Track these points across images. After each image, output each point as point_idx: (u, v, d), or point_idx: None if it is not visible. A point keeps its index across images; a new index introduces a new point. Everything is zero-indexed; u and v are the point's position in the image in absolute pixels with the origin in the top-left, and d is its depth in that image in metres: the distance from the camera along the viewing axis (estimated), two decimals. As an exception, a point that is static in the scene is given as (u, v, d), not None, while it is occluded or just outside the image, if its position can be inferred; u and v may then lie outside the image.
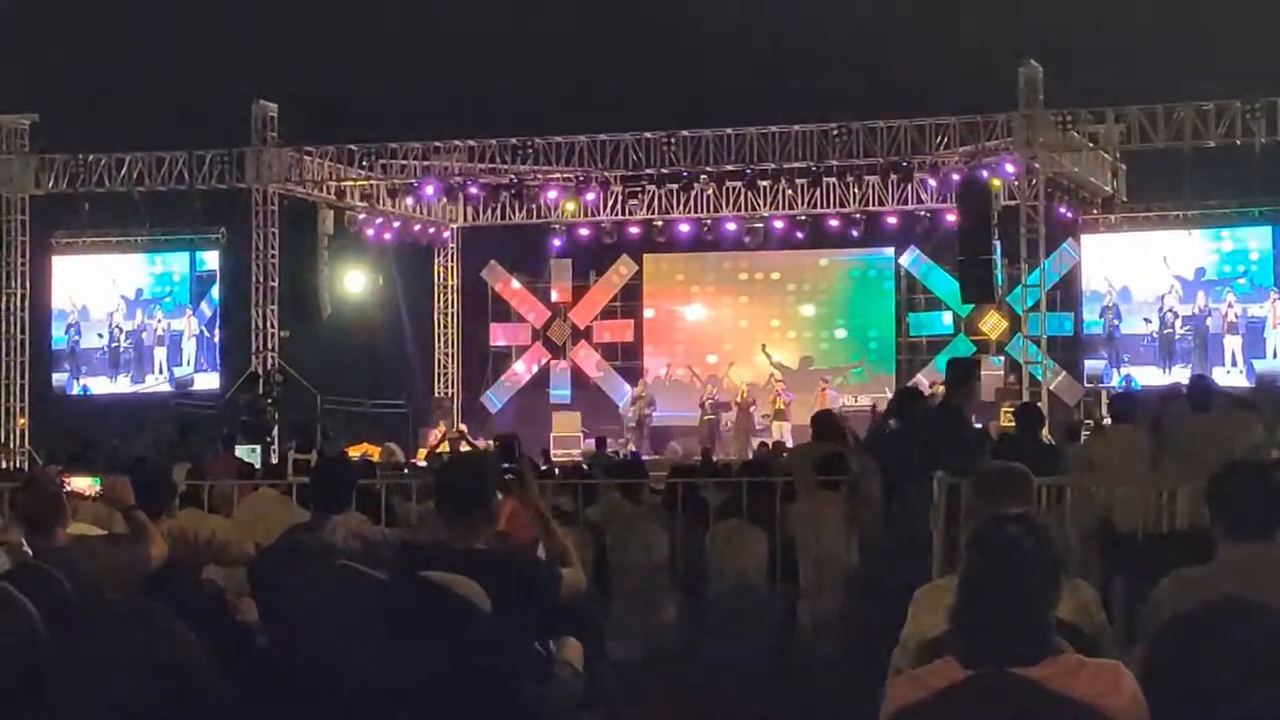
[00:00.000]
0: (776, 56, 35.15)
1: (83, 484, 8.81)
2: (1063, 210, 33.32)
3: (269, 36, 35.85)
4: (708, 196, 35.96)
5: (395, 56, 35.83)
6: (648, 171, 34.61)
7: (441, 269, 40.33)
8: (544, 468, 20.70)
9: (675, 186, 35.36)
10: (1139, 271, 33.89)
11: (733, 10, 35.96)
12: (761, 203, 35.84)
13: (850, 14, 35.03)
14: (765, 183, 34.96)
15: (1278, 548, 6.31)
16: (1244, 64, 30.39)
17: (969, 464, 10.37)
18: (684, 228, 36.94)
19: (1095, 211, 34.20)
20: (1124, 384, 32.63)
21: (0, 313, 35.98)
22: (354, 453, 26.06)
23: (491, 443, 9.59)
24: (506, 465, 9.00)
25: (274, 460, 27.95)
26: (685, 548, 14.25)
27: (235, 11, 36.34)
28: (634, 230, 37.19)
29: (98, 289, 37.28)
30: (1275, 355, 32.57)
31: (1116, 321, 34.01)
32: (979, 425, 27.27)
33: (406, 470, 22.52)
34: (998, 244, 31.74)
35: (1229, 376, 31.47)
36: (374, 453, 27.97)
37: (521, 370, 40.08)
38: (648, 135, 34.08)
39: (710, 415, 35.96)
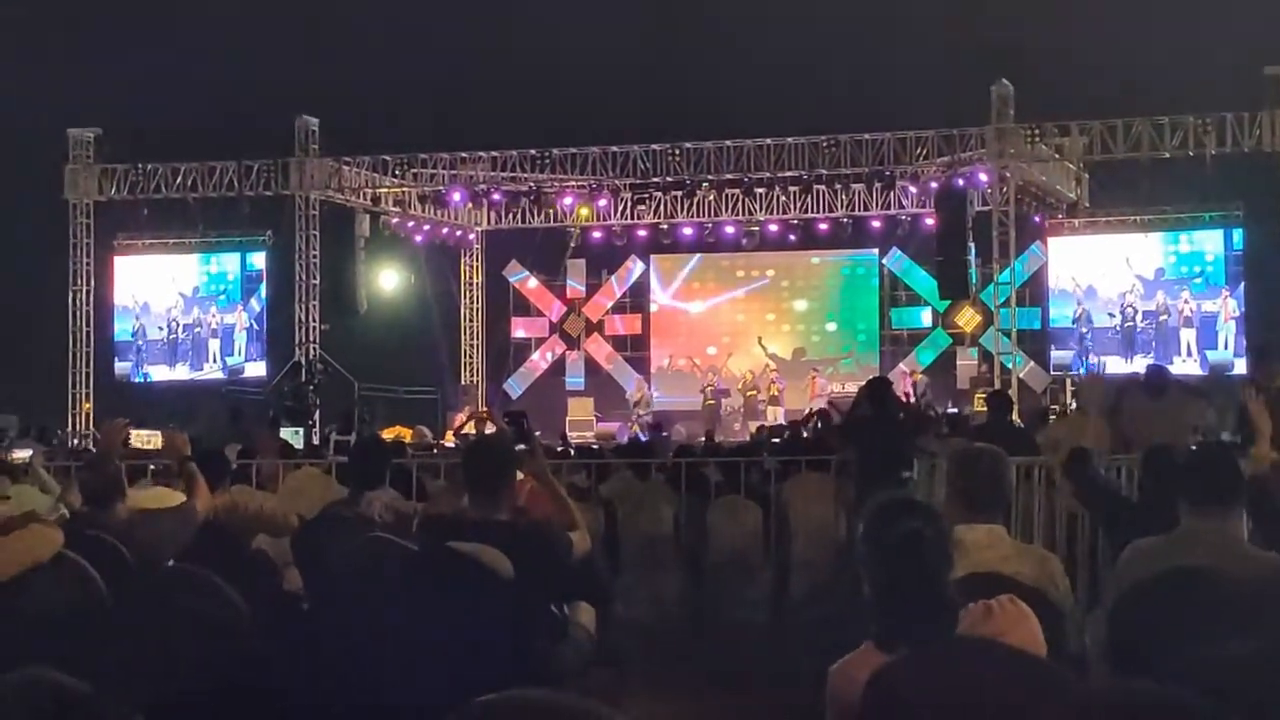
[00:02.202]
0: (772, 76, 35.11)
1: (146, 434, 8.89)
2: (1032, 215, 33.33)
3: (311, 56, 35.82)
4: (709, 202, 35.93)
5: (426, 75, 35.76)
6: (654, 180, 34.59)
7: (467, 268, 40.34)
8: (560, 449, 20.71)
9: (679, 193, 35.37)
10: (1103, 271, 33.89)
11: (732, 36, 35.93)
12: (758, 208, 35.82)
13: (838, 37, 34.98)
14: (761, 190, 34.98)
15: (1234, 522, 6.30)
16: (1195, 82, 30.37)
17: None
18: (687, 231, 36.94)
19: (1061, 216, 34.21)
20: (1090, 370, 32.64)
21: (68, 308, 36.04)
22: (388, 435, 26.04)
23: (504, 419, 9.62)
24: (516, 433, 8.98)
25: (315, 441, 27.97)
26: (689, 521, 14.27)
27: (281, 34, 36.30)
28: (642, 233, 37.23)
29: (157, 286, 37.35)
30: (1226, 346, 32.58)
31: (1088, 320, 34.02)
32: (954, 410, 27.40)
33: (435, 450, 22.50)
34: (972, 246, 31.73)
35: (1184, 365, 31.51)
36: (406, 435, 27.95)
37: (539, 360, 40.10)
38: (654, 147, 34.06)
39: (711, 401, 35.98)
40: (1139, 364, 30.63)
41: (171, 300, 37.32)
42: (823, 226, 36.04)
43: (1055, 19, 33.51)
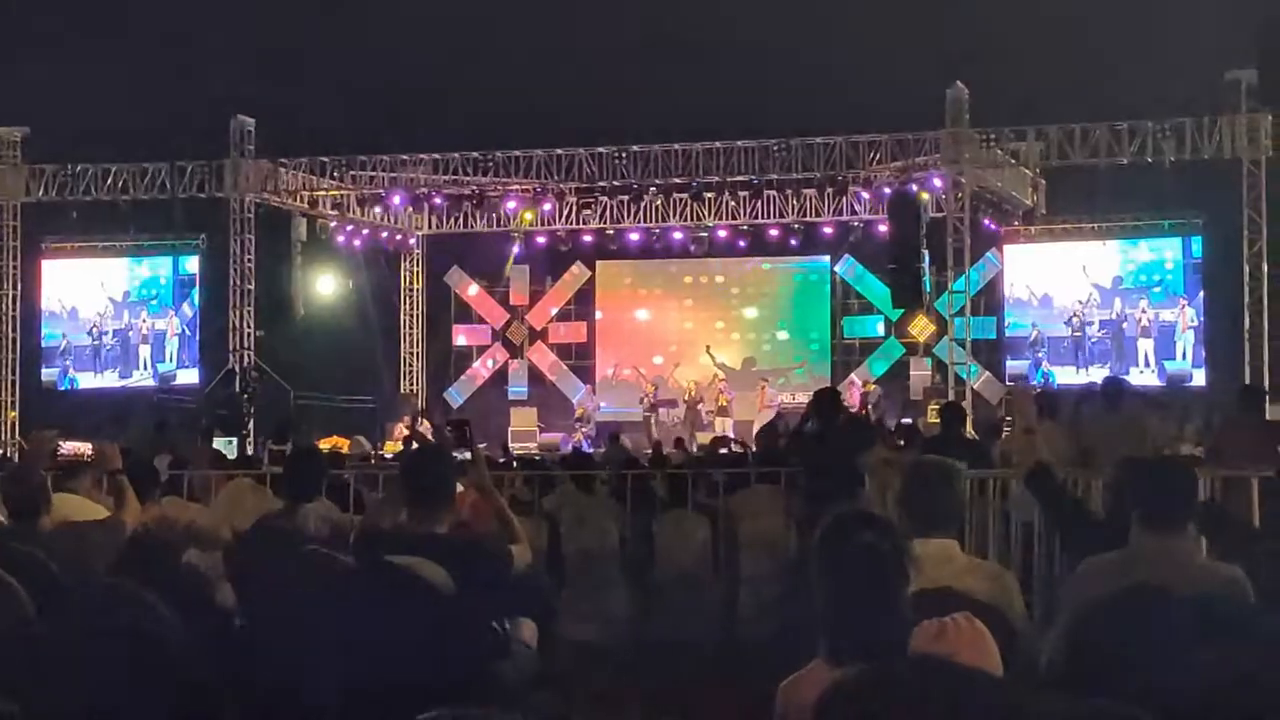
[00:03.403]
0: (720, 78, 35.15)
1: (75, 446, 8.84)
2: (986, 222, 33.44)
3: (247, 55, 35.72)
4: (656, 207, 35.94)
5: (366, 75, 35.72)
6: (600, 184, 34.62)
7: (407, 274, 40.27)
8: (502, 460, 20.68)
9: (626, 198, 35.33)
10: (1059, 279, 34.06)
11: (679, 37, 35.94)
12: (706, 213, 35.84)
13: (790, 38, 35.07)
14: (710, 195, 35.01)
15: (1188, 539, 6.32)
16: (1155, 87, 30.54)
17: None
18: (634, 236, 36.91)
19: (1017, 223, 34.32)
20: (1042, 380, 32.80)
21: (-7, 313, 35.91)
22: (325, 445, 25.97)
23: (446, 427, 9.76)
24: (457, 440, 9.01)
25: (249, 451, 27.86)
26: (634, 535, 14.26)
27: (215, 31, 36.19)
28: (587, 238, 37.16)
29: (86, 291, 37.18)
30: (1184, 356, 32.79)
31: (1042, 327, 34.15)
32: (907, 420, 27.48)
33: (373, 461, 22.44)
34: (926, 253, 31.82)
35: (1142, 376, 31.69)
36: (343, 445, 27.88)
37: (481, 368, 40.02)
38: (600, 150, 34.10)
39: (649, 412, 35.99)
40: (1094, 374, 30.85)
41: (101, 305, 37.16)
42: (773, 232, 36.05)
43: (1012, 21, 33.61)
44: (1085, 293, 33.76)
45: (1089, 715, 3.40)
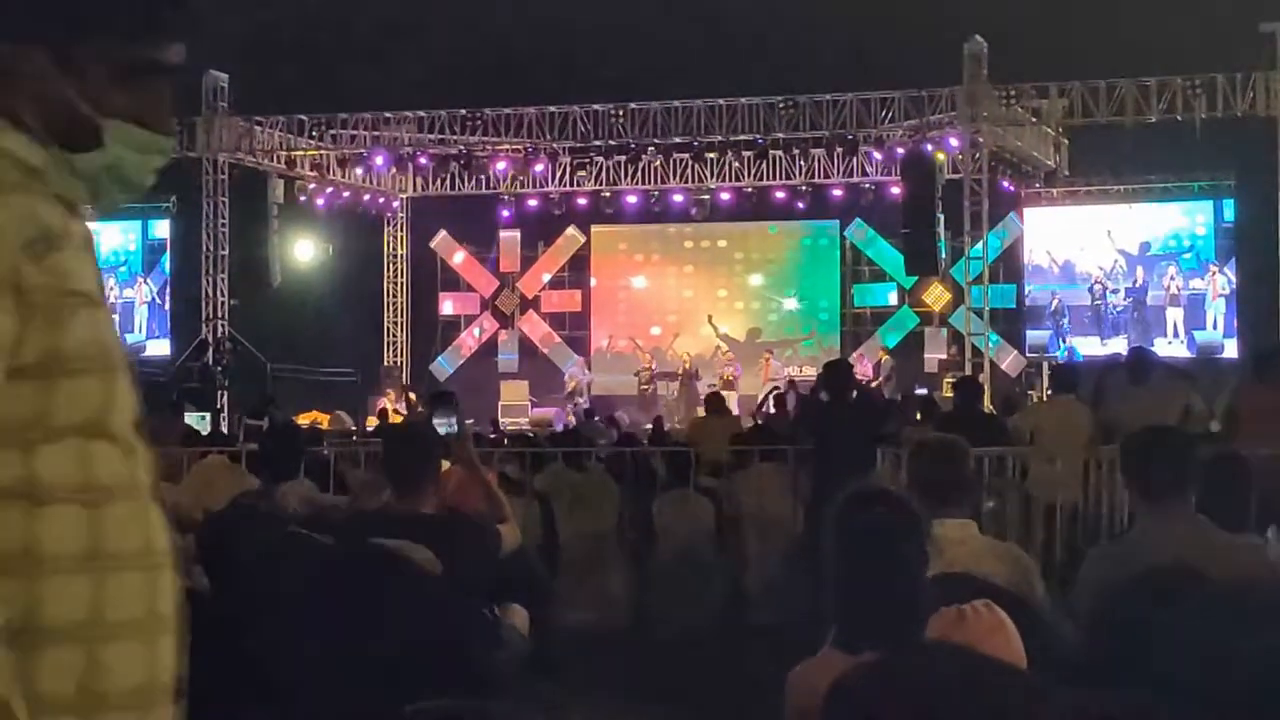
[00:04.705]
0: (723, 31, 35.06)
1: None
2: (1005, 184, 33.37)
3: (220, 8, 35.61)
4: (655, 168, 35.84)
5: (346, 28, 35.60)
6: (596, 143, 34.51)
7: (391, 239, 40.20)
8: (492, 436, 20.68)
9: (623, 158, 35.24)
10: (1082, 244, 34.04)
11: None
12: (708, 174, 35.75)
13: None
14: (712, 155, 34.89)
15: (1189, 517, 6.30)
16: (1184, 41, 30.45)
17: None
18: (632, 199, 36.82)
19: (1038, 185, 34.28)
20: (1066, 354, 32.80)
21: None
22: (303, 420, 25.97)
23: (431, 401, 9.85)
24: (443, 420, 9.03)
25: (223, 427, 27.85)
26: (633, 516, 14.28)
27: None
28: (582, 201, 37.05)
29: (48, 257, 37.02)
30: (1215, 326, 32.77)
31: (1063, 294, 34.14)
32: (922, 392, 27.48)
33: (355, 438, 22.45)
34: (941, 217, 31.70)
35: (1170, 347, 31.71)
36: (323, 420, 27.91)
37: (469, 339, 39.95)
38: (596, 107, 34.00)
39: (646, 386, 35.89)
40: (1116, 345, 30.86)
41: (64, 273, 37.00)
42: (779, 195, 35.97)
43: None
44: (1110, 259, 33.75)
45: (1113, 708, 3.40)
